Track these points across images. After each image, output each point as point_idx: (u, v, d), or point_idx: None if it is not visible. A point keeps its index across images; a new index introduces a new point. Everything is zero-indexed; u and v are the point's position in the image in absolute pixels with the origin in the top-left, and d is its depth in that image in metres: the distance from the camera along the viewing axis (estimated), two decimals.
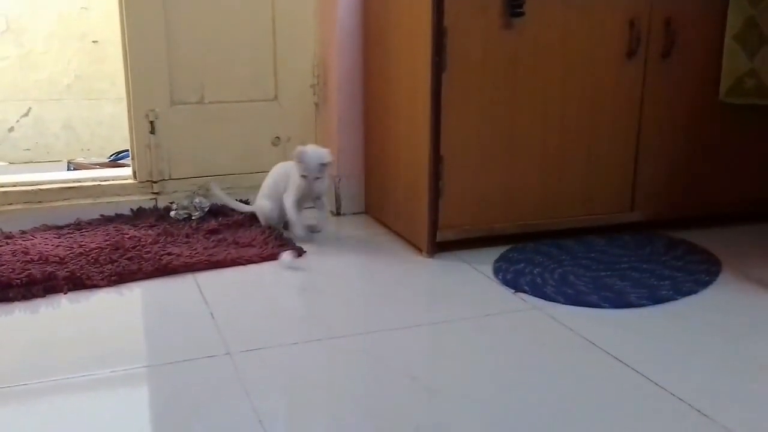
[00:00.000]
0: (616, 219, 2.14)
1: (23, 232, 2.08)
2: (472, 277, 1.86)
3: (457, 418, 1.25)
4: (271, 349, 1.48)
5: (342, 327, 1.60)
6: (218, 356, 1.44)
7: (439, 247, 2.00)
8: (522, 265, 1.89)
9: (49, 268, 1.80)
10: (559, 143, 2.03)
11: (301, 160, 2.02)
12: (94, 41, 3.55)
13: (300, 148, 2.03)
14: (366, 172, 2.39)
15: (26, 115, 3.54)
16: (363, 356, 1.48)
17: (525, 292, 1.75)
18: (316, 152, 2.04)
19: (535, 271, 1.85)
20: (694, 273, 1.85)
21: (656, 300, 1.70)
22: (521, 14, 1.90)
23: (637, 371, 1.39)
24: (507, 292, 1.76)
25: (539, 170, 2.03)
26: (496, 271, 1.87)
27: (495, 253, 1.99)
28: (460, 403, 1.29)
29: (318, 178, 2.03)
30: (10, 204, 2.19)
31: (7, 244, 1.98)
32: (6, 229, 2.09)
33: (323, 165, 2.03)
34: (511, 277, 1.82)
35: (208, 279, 1.84)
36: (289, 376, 1.39)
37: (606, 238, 2.11)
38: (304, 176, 2.02)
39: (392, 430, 1.21)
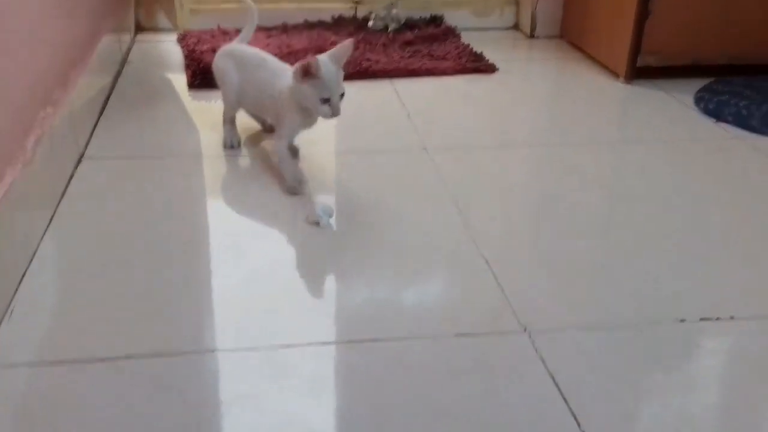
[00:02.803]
0: None
1: (238, 30, 2.23)
2: (670, 105, 1.81)
3: (645, 219, 1.28)
4: (465, 150, 1.56)
5: (534, 137, 1.64)
6: (414, 152, 1.54)
7: (637, 73, 1.94)
8: (727, 96, 1.81)
9: None
10: None
11: (318, 75, 1.30)
12: None
13: (311, 59, 1.30)
14: None
15: None
16: (557, 164, 1.52)
17: (727, 122, 1.68)
18: (333, 56, 1.34)
19: (741, 104, 1.76)
20: None
21: None
22: None
23: None
24: (707, 122, 1.71)
25: None
26: (698, 101, 1.80)
27: (697, 84, 1.91)
28: (648, 208, 1.32)
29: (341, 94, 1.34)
30: (225, 2, 2.34)
31: (224, 40, 2.14)
32: (223, 26, 2.26)
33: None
34: (713, 107, 1.75)
35: (405, 85, 1.92)
36: (482, 173, 1.47)
37: None
38: (326, 100, 1.32)
39: (585, 226, 1.28)
